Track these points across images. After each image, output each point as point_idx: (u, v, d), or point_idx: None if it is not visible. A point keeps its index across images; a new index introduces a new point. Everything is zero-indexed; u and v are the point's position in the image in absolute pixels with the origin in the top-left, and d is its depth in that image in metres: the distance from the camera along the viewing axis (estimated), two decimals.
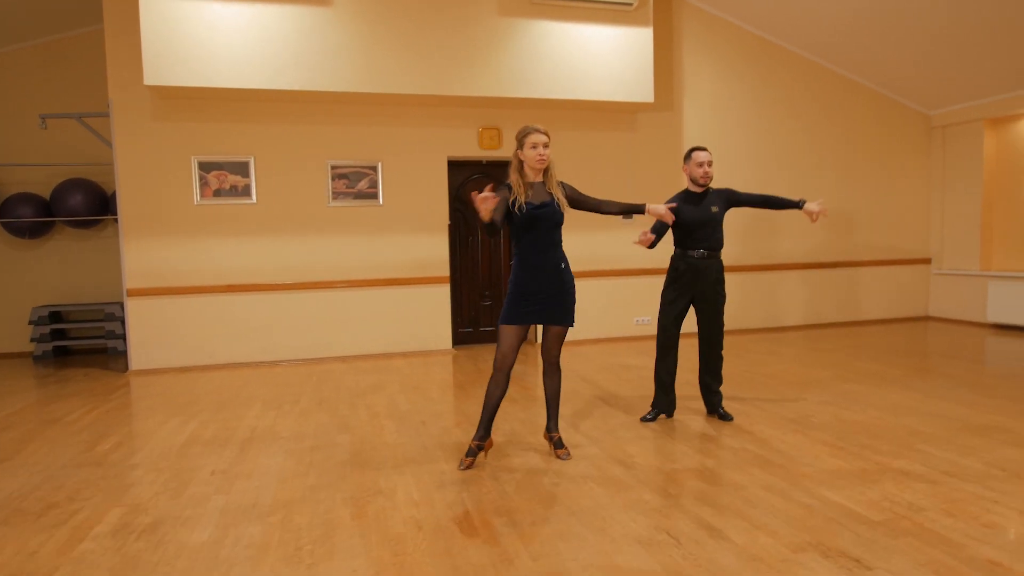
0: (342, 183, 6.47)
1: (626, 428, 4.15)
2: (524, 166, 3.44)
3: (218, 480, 3.42)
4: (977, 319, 7.87)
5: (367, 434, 4.15)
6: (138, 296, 6.16)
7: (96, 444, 4.09)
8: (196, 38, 5.60)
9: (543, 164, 3.39)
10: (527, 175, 3.45)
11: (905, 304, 8.45)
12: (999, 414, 4.22)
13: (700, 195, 4.17)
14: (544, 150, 3.37)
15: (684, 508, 2.92)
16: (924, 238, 8.50)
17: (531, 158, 3.37)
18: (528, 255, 3.45)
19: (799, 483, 3.17)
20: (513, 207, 3.37)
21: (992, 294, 7.49)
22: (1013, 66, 6.79)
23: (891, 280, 8.37)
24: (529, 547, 2.60)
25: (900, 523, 2.71)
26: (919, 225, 8.47)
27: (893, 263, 8.35)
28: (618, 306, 7.40)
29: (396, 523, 2.85)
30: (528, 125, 3.42)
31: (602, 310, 7.32)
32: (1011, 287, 7.33)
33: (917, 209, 8.45)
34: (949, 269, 8.21)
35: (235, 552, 2.63)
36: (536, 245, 3.44)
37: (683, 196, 4.19)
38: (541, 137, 3.36)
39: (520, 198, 3.38)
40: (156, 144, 6.11)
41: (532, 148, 3.36)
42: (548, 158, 3.41)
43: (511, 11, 6.29)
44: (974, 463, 3.37)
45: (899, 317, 8.45)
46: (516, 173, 3.42)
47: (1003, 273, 7.51)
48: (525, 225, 3.41)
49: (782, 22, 7.32)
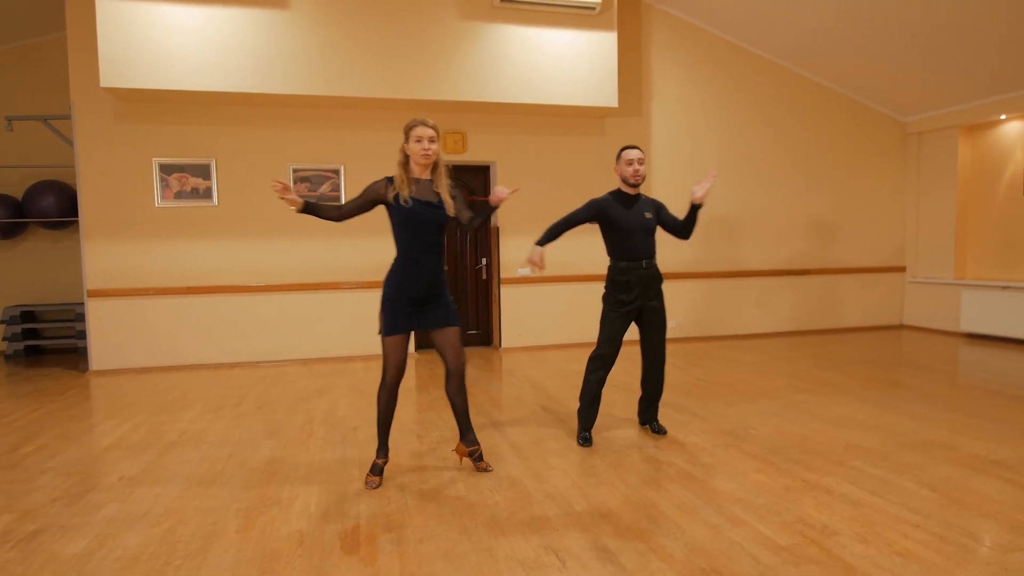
0: (304, 186, 6.29)
1: (557, 439, 3.92)
2: (410, 160, 3.13)
3: (121, 487, 3.23)
4: (951, 328, 7.54)
5: (291, 441, 3.94)
6: (99, 297, 6.00)
7: (20, 446, 3.92)
8: (153, 41, 5.44)
9: (428, 160, 3.08)
10: (412, 170, 3.13)
11: (880, 312, 8.13)
12: (948, 429, 3.94)
13: (632, 198, 3.79)
14: (430, 144, 3.06)
15: (582, 526, 2.69)
16: (899, 246, 8.17)
17: (416, 152, 3.07)
18: (406, 256, 3.14)
19: (714, 501, 2.93)
20: (395, 202, 3.07)
21: (965, 303, 7.17)
22: (988, 72, 6.49)
23: (866, 288, 8.06)
24: (406, 567, 2.39)
25: (807, 549, 2.47)
26: (894, 232, 8.15)
27: (868, 271, 8.04)
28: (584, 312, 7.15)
29: (279, 537, 2.64)
30: (416, 117, 3.11)
31: (567, 316, 7.08)
32: (984, 296, 7.01)
33: (892, 216, 8.13)
34: (923, 277, 7.88)
35: (102, 565, 2.44)
36: (415, 246, 3.12)
37: (614, 197, 3.81)
38: (427, 131, 3.06)
39: (403, 193, 3.07)
40: (117, 146, 5.96)
41: (417, 142, 3.06)
42: (434, 153, 3.09)
43: (472, 15, 6.09)
44: (906, 482, 3.11)
45: (873, 325, 8.13)
46: (400, 168, 3.12)
47: (977, 282, 7.19)
48: (404, 224, 3.10)
49: (752, 27, 7.06)
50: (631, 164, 3.73)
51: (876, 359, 6.20)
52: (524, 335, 6.99)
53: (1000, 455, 3.45)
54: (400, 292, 3.13)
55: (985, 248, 7.41)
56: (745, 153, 7.55)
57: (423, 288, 3.14)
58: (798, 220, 7.77)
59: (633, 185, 3.77)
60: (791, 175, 7.71)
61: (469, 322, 7.16)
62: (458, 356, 3.26)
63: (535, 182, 6.86)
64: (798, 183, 7.72)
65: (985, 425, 4.00)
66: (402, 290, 3.13)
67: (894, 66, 6.93)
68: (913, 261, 8.06)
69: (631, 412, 4.37)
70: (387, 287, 3.17)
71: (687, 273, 7.28)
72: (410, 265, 3.13)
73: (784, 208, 7.69)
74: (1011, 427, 3.96)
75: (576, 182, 6.98)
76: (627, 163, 3.74)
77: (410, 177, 3.12)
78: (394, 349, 3.15)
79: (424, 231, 3.11)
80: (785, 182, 7.68)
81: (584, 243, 7.02)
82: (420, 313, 3.16)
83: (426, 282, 3.14)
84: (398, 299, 3.13)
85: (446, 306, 3.23)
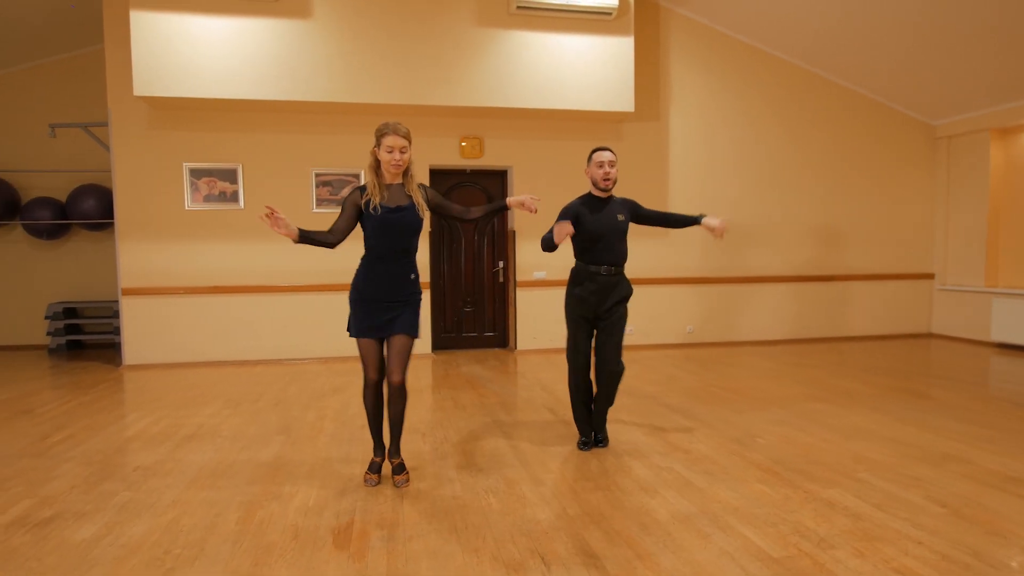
0: (326, 190, 6.38)
1: (560, 442, 3.87)
2: (381, 166, 3.04)
3: (135, 477, 3.31)
4: (981, 337, 7.24)
5: (301, 437, 3.99)
6: (132, 295, 6.18)
7: (50, 435, 4.05)
8: (183, 51, 5.59)
9: (398, 169, 3.00)
10: (383, 176, 3.05)
11: (906, 320, 7.86)
12: (966, 443, 3.77)
13: (603, 201, 3.60)
14: (400, 155, 2.97)
15: (572, 530, 2.65)
16: (927, 252, 7.89)
17: (386, 161, 2.97)
18: (376, 261, 3.07)
19: (710, 509, 2.85)
20: (367, 208, 3.00)
21: (996, 312, 6.87)
22: (1020, 73, 6.22)
23: (891, 295, 7.80)
24: (392, 564, 2.38)
25: (799, 562, 2.38)
26: (922, 239, 7.87)
27: (894, 278, 7.78)
28: None
29: (275, 531, 2.67)
30: (388, 123, 2.99)
31: None
32: (1017, 305, 6.71)
33: (920, 222, 7.85)
34: (952, 285, 7.59)
35: (106, 552, 2.50)
36: (387, 251, 3.05)
37: (584, 200, 3.62)
38: (398, 140, 2.96)
39: (374, 199, 2.99)
40: (150, 152, 6.13)
41: (388, 152, 2.96)
42: (405, 162, 3.01)
43: (489, 22, 6.10)
44: (913, 496, 2.98)
45: (899, 333, 7.86)
46: (372, 172, 3.03)
47: (1009, 290, 6.88)
48: (376, 229, 3.02)
49: (773, 30, 6.91)
50: (602, 166, 3.54)
51: (898, 368, 5.99)
52: (539, 338, 6.96)
53: (1018, 471, 3.29)
54: (364, 294, 3.08)
55: (1018, 255, 7.10)
56: (764, 157, 7.39)
57: (390, 292, 3.07)
58: (819, 225, 7.56)
59: (603, 190, 3.58)
60: (812, 180, 7.51)
61: (486, 324, 7.16)
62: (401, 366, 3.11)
63: (551, 187, 6.82)
64: (819, 188, 7.52)
65: (1005, 439, 3.82)
66: (367, 292, 3.08)
67: (922, 68, 6.71)
68: (942, 268, 7.77)
69: (639, 416, 4.30)
70: (353, 289, 3.13)
71: (704, 278, 7.15)
72: (376, 268, 3.07)
73: (804, 213, 7.50)
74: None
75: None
76: (597, 165, 3.55)
77: (381, 183, 3.05)
78: (368, 350, 3.11)
79: (396, 235, 3.04)
80: (805, 187, 7.49)
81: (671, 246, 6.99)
82: (388, 318, 3.08)
83: (394, 286, 3.08)
84: (364, 300, 3.08)
85: (409, 314, 3.12)
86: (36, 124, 6.94)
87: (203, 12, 5.61)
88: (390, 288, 3.07)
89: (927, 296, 7.89)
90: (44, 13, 6.21)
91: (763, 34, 7.05)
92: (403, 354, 3.11)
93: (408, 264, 3.12)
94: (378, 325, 3.08)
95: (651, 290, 6.95)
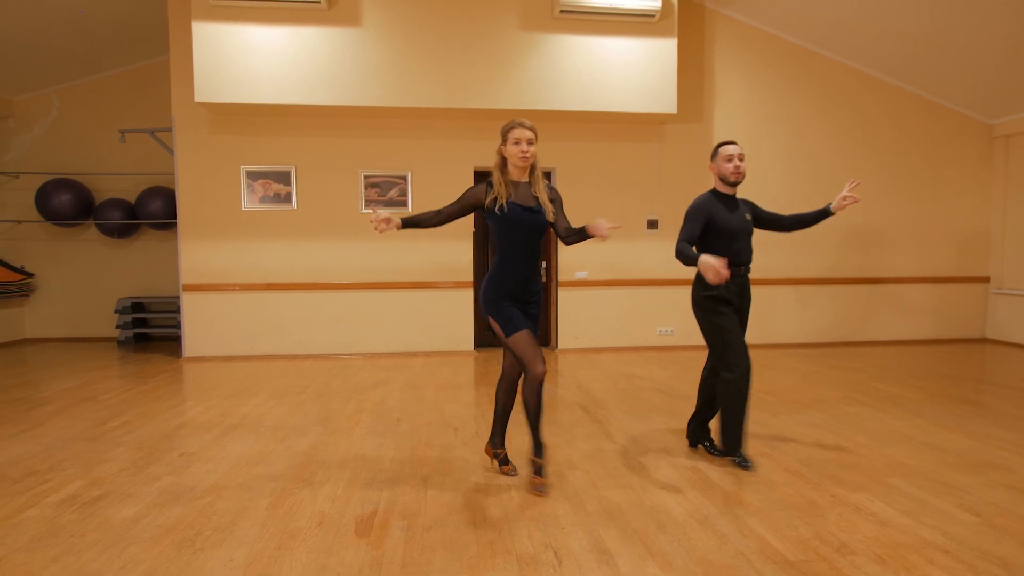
0: (374, 191, 6.49)
1: (588, 440, 3.83)
2: (507, 163, 3.00)
3: (181, 461, 3.44)
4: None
5: (339, 427, 4.06)
6: (192, 291, 6.44)
7: (107, 421, 4.25)
8: (240, 59, 5.79)
9: (526, 162, 2.94)
10: (510, 173, 2.99)
11: (960, 324, 7.43)
12: (1010, 451, 3.54)
13: (732, 198, 3.36)
14: (528, 147, 2.91)
15: (589, 527, 2.61)
16: (983, 255, 7.44)
17: (514, 155, 2.91)
18: (505, 260, 3.00)
19: (731, 510, 2.77)
20: (494, 207, 2.94)
21: None
22: None
23: (945, 298, 7.39)
24: (408, 553, 2.40)
25: (816, 566, 2.29)
26: (978, 241, 7.43)
27: (948, 280, 7.36)
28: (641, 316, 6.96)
29: (302, 517, 2.73)
30: (514, 119, 2.96)
31: (623, 319, 6.91)
32: None
33: (976, 224, 7.41)
34: (1010, 289, 7.13)
35: (143, 531, 2.60)
36: (517, 249, 2.98)
37: (714, 197, 3.35)
38: (526, 132, 2.91)
39: (501, 198, 2.92)
40: (210, 155, 6.37)
41: (515, 144, 2.91)
42: (532, 156, 2.95)
43: (533, 26, 6.08)
44: (946, 504, 2.82)
45: (952, 338, 7.44)
46: (498, 171, 2.98)
47: None
48: (505, 227, 2.96)
49: (820, 29, 6.64)
50: (731, 160, 3.30)
51: (947, 373, 5.67)
52: (580, 337, 6.90)
53: None
54: (501, 291, 3.00)
55: None
56: (811, 160, 7.11)
57: (520, 290, 3.01)
58: (868, 227, 7.23)
59: (732, 184, 3.34)
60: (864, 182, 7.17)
61: None
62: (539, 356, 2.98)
63: (594, 188, 6.77)
64: (869, 191, 7.17)
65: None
66: (503, 290, 3.00)
67: (979, 65, 6.33)
68: (999, 271, 7.31)
69: (670, 417, 4.21)
70: (488, 290, 3.02)
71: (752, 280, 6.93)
72: (509, 268, 3.00)
73: (852, 215, 7.17)
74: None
75: (635, 188, 6.83)
76: (726, 159, 3.31)
77: (507, 180, 2.99)
78: (528, 343, 2.92)
79: (523, 235, 2.97)
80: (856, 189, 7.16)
81: (640, 248, 6.88)
82: (531, 309, 3.06)
83: (523, 286, 3.02)
84: (504, 298, 2.99)
85: (535, 315, 3.09)
86: (108, 130, 7.31)
87: (259, 22, 5.80)
88: (525, 288, 3.02)
89: (982, 300, 7.45)
90: (114, 28, 6.55)
91: (810, 33, 6.79)
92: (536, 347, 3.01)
93: (536, 265, 3.06)
94: (527, 317, 3.03)
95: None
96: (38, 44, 6.50)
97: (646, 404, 4.63)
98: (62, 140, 7.47)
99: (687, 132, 6.86)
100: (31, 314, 7.69)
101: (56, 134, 7.47)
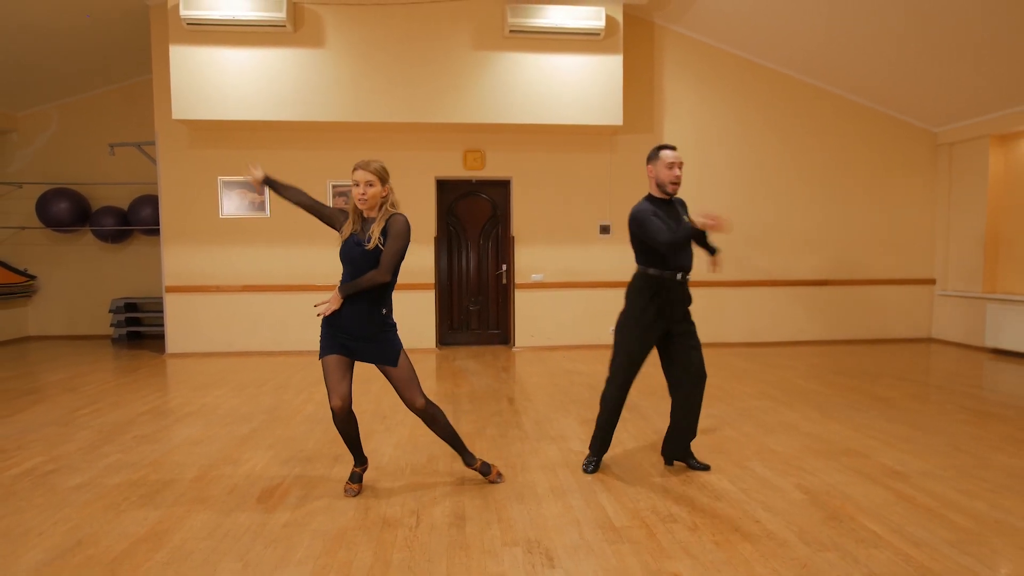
0: (341, 200, 6.94)
1: (498, 426, 4.21)
2: None
3: (132, 443, 3.89)
4: (977, 343, 7.01)
5: (282, 416, 4.49)
6: (174, 292, 6.94)
7: (80, 408, 4.73)
8: (213, 78, 6.27)
9: (363, 204, 2.86)
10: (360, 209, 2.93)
11: (908, 325, 7.68)
12: (878, 439, 3.84)
13: (668, 203, 3.27)
14: (367, 188, 2.83)
15: (457, 498, 3.00)
16: (928, 258, 7.68)
17: (352, 194, 2.90)
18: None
19: (588, 487, 3.14)
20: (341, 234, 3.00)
21: (990, 318, 6.66)
22: (1020, 79, 6.03)
23: (893, 300, 7.64)
24: (293, 515, 2.81)
25: (634, 532, 2.65)
26: (923, 245, 7.67)
27: (895, 283, 7.62)
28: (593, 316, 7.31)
29: (218, 487, 3.16)
30: (360, 160, 2.89)
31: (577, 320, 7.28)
32: (1010, 311, 6.49)
33: (921, 228, 7.66)
34: (952, 290, 7.37)
35: (80, 496, 3.05)
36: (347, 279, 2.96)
37: (652, 203, 3.22)
38: (362, 175, 2.84)
39: (344, 232, 2.96)
40: (190, 167, 6.87)
41: (355, 186, 2.86)
42: (373, 197, 2.84)
43: (485, 45, 6.48)
44: (785, 484, 3.16)
45: (900, 338, 7.68)
46: (352, 202, 2.94)
47: (1004, 296, 6.66)
48: (340, 256, 2.98)
49: (767, 43, 6.95)
50: (671, 167, 3.17)
51: (872, 370, 5.93)
52: (537, 336, 7.28)
53: (908, 467, 3.37)
54: (331, 319, 3.00)
55: (1017, 261, 6.84)
56: (759, 168, 7.42)
57: (351, 321, 2.94)
58: (817, 233, 7.51)
59: (669, 194, 3.24)
60: (809, 188, 7.47)
61: (490, 323, 7.54)
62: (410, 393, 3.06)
63: (550, 196, 7.16)
64: (818, 196, 7.46)
65: (924, 439, 3.86)
66: (333, 317, 2.99)
67: (923, 75, 6.58)
68: (943, 273, 7.55)
69: (587, 409, 4.57)
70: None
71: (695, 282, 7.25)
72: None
73: (801, 222, 7.47)
74: (946, 441, 3.81)
75: (588, 196, 7.21)
76: (667, 166, 3.17)
77: (357, 216, 2.96)
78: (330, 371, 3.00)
79: (349, 269, 2.94)
80: (802, 195, 7.46)
81: (593, 252, 7.24)
82: (357, 344, 2.98)
83: (355, 317, 2.94)
84: (329, 325, 3.02)
85: (382, 344, 2.98)
86: (101, 143, 7.83)
87: (231, 44, 6.27)
88: (351, 318, 2.95)
89: (928, 301, 7.69)
90: (103, 49, 7.08)
91: (757, 48, 7.10)
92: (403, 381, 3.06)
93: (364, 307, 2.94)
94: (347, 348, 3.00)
95: None
96: (38, 63, 7.04)
97: (570, 397, 5.00)
98: (61, 152, 8.05)
99: (638, 142, 7.21)
100: (34, 313, 8.28)
101: (55, 147, 8.05)
